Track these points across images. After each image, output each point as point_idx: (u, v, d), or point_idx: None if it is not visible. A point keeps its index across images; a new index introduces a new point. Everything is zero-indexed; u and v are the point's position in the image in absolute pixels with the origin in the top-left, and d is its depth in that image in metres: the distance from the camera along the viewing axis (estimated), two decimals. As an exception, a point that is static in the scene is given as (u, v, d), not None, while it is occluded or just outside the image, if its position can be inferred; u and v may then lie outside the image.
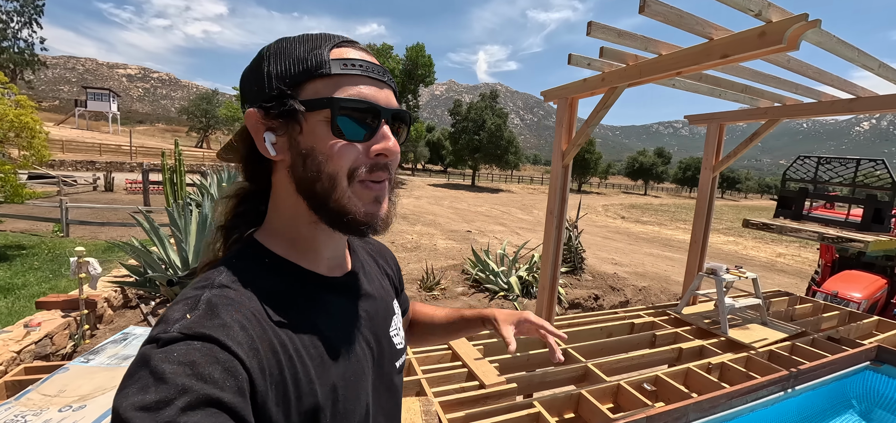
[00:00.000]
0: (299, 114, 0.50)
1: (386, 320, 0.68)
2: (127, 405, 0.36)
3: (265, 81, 0.51)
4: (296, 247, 0.57)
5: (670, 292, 6.99)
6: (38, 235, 7.29)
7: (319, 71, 0.50)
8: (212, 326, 0.43)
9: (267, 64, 0.52)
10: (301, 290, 0.55)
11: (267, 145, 0.52)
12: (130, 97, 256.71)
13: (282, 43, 0.53)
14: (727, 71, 2.59)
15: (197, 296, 0.47)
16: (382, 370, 0.65)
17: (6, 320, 3.48)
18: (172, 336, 0.41)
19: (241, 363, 0.42)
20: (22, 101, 5.54)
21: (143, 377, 0.38)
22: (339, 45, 0.53)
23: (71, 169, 21.82)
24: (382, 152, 0.53)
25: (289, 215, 0.56)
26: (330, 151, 0.51)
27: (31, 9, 34.17)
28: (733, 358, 2.98)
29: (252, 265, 0.53)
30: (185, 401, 0.37)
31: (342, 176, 0.52)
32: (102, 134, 42.26)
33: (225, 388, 0.40)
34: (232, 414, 0.39)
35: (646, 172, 59.74)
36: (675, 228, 19.46)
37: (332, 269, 0.61)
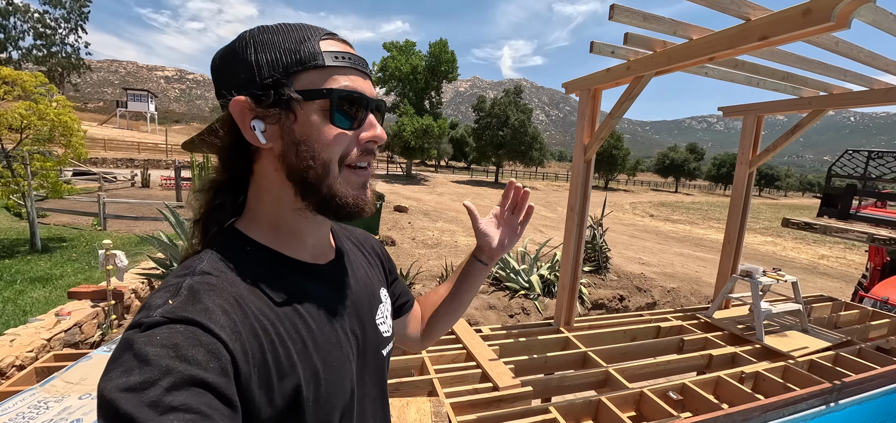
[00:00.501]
0: (295, 103, 0.51)
1: (371, 308, 0.69)
2: (111, 387, 0.37)
3: (255, 69, 0.51)
4: (278, 234, 0.58)
5: (701, 295, 6.66)
6: (79, 228, 7.70)
7: (313, 62, 0.52)
8: (194, 310, 0.44)
9: (253, 52, 0.52)
10: (282, 276, 0.56)
11: (257, 133, 0.52)
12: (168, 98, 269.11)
13: (266, 32, 0.53)
14: (766, 56, 2.39)
15: (179, 283, 0.47)
16: (367, 358, 0.65)
17: (42, 309, 3.66)
18: (155, 320, 0.42)
19: (223, 345, 0.43)
20: (61, 101, 5.84)
21: (127, 360, 0.39)
22: (325, 37, 0.54)
23: (112, 166, 23.07)
24: (372, 139, 0.57)
25: (272, 201, 0.57)
26: (325, 139, 0.53)
27: (77, 16, 36.22)
28: (769, 368, 2.76)
29: (233, 253, 0.54)
30: (169, 381, 0.38)
31: (335, 162, 0.54)
32: (141, 133, 44.43)
33: (209, 369, 0.41)
34: (216, 394, 0.40)
35: (677, 169, 57.59)
36: (707, 227, 18.63)
37: (315, 256, 0.62)
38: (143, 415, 0.35)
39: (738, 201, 3.83)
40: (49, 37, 35.20)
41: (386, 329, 0.72)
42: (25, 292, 4.08)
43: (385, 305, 0.75)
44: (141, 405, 0.36)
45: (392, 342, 0.75)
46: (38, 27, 34.66)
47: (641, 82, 2.57)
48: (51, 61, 34.69)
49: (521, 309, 5.38)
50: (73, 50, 36.64)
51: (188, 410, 0.37)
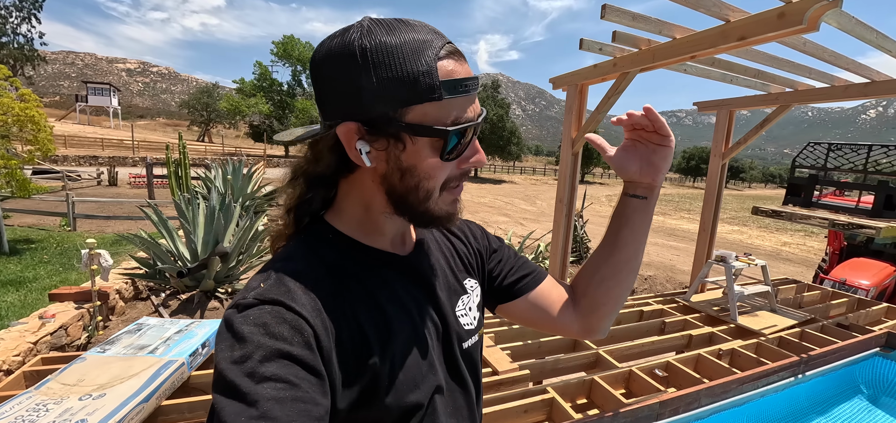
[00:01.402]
0: (400, 134, 0.51)
1: (450, 300, 0.67)
2: (222, 359, 0.44)
3: (364, 95, 0.49)
4: (362, 227, 0.61)
5: (676, 281, 6.99)
6: (46, 229, 7.34)
7: (430, 96, 0.49)
8: (279, 292, 0.49)
9: (367, 74, 0.48)
10: (362, 264, 0.59)
11: (362, 156, 0.52)
12: (130, 92, 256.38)
13: (382, 48, 0.48)
14: (740, 54, 2.56)
15: (269, 269, 0.53)
16: (447, 350, 0.65)
17: (19, 313, 3.52)
18: (249, 302, 0.47)
19: (306, 321, 0.47)
20: (26, 94, 5.54)
21: (228, 338, 0.45)
22: (444, 56, 0.50)
23: (74, 164, 21.88)
24: (475, 164, 0.58)
25: (364, 204, 0.59)
26: (432, 171, 0.54)
27: (31, 4, 33.99)
28: (743, 345, 2.98)
29: (318, 241, 0.59)
30: (261, 354, 0.43)
31: (437, 188, 0.55)
32: (104, 129, 42.26)
33: (294, 343, 0.45)
34: (302, 364, 0.44)
35: (649, 162, 59.31)
36: (679, 218, 19.41)
37: (394, 246, 0.64)
38: (244, 384, 0.41)
39: (712, 192, 4.06)
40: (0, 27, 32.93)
41: (468, 322, 0.69)
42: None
43: (470, 295, 0.71)
44: (242, 374, 0.42)
45: (476, 335, 0.71)
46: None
47: (627, 78, 2.71)
48: (1, 53, 32.46)
49: (508, 299, 5.51)
50: (26, 40, 34.41)
51: (278, 379, 0.42)
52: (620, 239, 0.70)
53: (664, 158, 0.66)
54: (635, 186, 0.69)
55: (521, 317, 0.77)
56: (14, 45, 33.42)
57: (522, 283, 0.76)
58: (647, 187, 0.69)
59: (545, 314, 0.75)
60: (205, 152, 32.19)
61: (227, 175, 7.63)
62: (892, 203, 3.61)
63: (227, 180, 7.45)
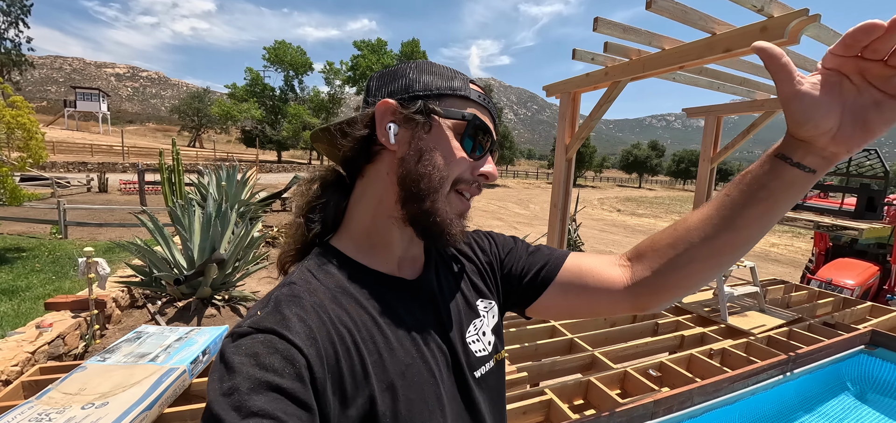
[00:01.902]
0: (434, 116, 0.57)
1: (461, 326, 0.64)
2: (211, 390, 0.43)
3: (411, 83, 0.59)
4: (368, 242, 0.61)
5: (668, 283, 7.10)
6: (37, 236, 7.24)
7: (460, 92, 0.59)
8: (274, 320, 0.48)
9: (415, 73, 0.60)
10: (364, 287, 0.57)
11: (390, 134, 0.57)
12: (120, 97, 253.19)
13: (427, 64, 0.61)
14: (726, 64, 2.66)
15: (270, 296, 0.52)
16: (459, 379, 0.61)
17: (14, 322, 3.49)
18: (243, 330, 0.47)
19: (298, 350, 0.46)
20: (18, 101, 5.49)
21: (220, 369, 0.45)
22: (472, 81, 0.62)
23: (63, 170, 21.56)
24: (486, 174, 0.62)
25: (373, 203, 0.60)
26: (452, 156, 0.58)
27: (18, 9, 33.55)
28: (734, 344, 3.06)
29: (320, 265, 0.58)
30: (248, 386, 0.42)
31: (449, 180, 0.58)
32: (93, 134, 41.71)
33: (284, 375, 0.44)
34: (292, 399, 0.43)
35: (640, 166, 60.12)
36: (670, 220, 19.67)
37: (402, 269, 0.63)
38: (229, 417, 0.40)
39: (701, 195, 4.16)
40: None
41: (480, 348, 0.65)
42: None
43: (484, 318, 0.68)
44: (229, 408, 0.41)
45: (491, 361, 0.67)
46: (-29, 21, 31.86)
47: (619, 86, 2.79)
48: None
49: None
50: (13, 45, 33.91)
51: (265, 414, 0.40)
52: (744, 217, 0.52)
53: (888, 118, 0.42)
54: (810, 149, 0.47)
55: (558, 309, 0.70)
56: (1, 51, 32.93)
57: (545, 271, 0.69)
58: (827, 157, 0.47)
59: (582, 294, 0.67)
60: (196, 158, 31.90)
61: (221, 181, 7.59)
62: (873, 205, 3.74)
63: (222, 186, 7.42)
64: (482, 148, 0.61)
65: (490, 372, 0.66)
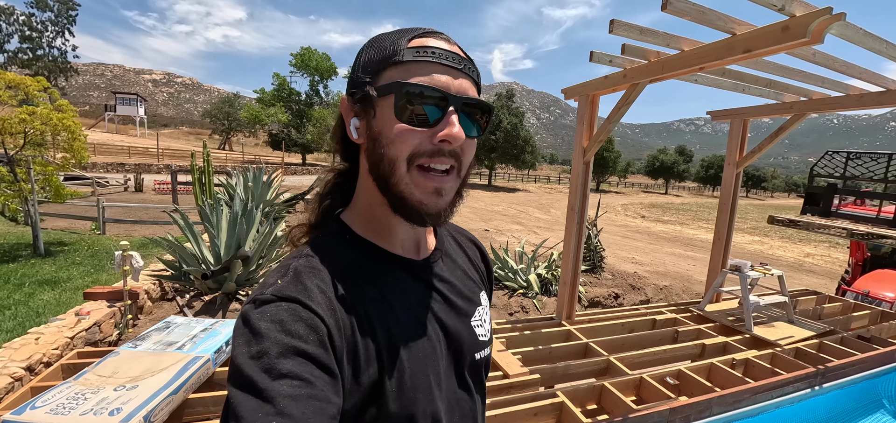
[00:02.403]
0: (372, 99, 0.54)
1: (466, 310, 0.67)
2: (238, 353, 0.45)
3: (356, 69, 0.57)
4: (372, 226, 0.61)
5: (692, 292, 6.89)
6: (78, 232, 7.69)
7: (394, 58, 0.53)
8: (296, 289, 0.50)
9: (361, 55, 0.57)
10: (375, 266, 0.59)
11: (351, 129, 0.58)
12: (156, 101, 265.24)
13: (377, 36, 0.57)
14: (751, 65, 2.59)
15: (288, 265, 0.55)
16: (456, 358, 0.64)
17: (55, 310, 3.72)
18: (266, 298, 0.49)
19: (321, 319, 0.48)
20: (63, 105, 5.87)
21: (245, 333, 0.46)
22: (420, 35, 0.55)
23: (102, 171, 22.76)
24: (445, 138, 0.53)
25: (367, 195, 0.60)
26: (393, 135, 0.53)
27: (65, 18, 35.76)
28: (758, 355, 2.96)
29: (334, 241, 0.60)
30: (277, 350, 0.44)
31: (401, 160, 0.53)
32: (131, 137, 43.89)
33: (309, 341, 0.46)
34: (316, 363, 0.45)
35: (667, 171, 58.49)
36: (697, 227, 19.04)
37: (408, 251, 0.63)
38: (261, 379, 0.42)
39: (726, 200, 4.04)
40: (35, 40, 34.68)
41: (482, 333, 0.69)
42: (35, 295, 4.13)
43: (483, 308, 0.71)
44: (259, 370, 0.42)
45: (489, 348, 0.71)
46: (24, 30, 34.12)
47: (637, 89, 2.75)
48: (37, 65, 34.18)
49: (520, 307, 5.54)
50: (59, 53, 36.15)
51: (294, 376, 0.42)
52: None
53: None
54: None
55: None
56: (49, 58, 35.14)
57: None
58: None
59: None
60: (225, 160, 33.09)
61: (248, 182, 7.87)
62: (914, 213, 3.54)
63: (248, 187, 7.69)
64: (435, 113, 0.53)
65: (486, 356, 0.70)
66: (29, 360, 2.45)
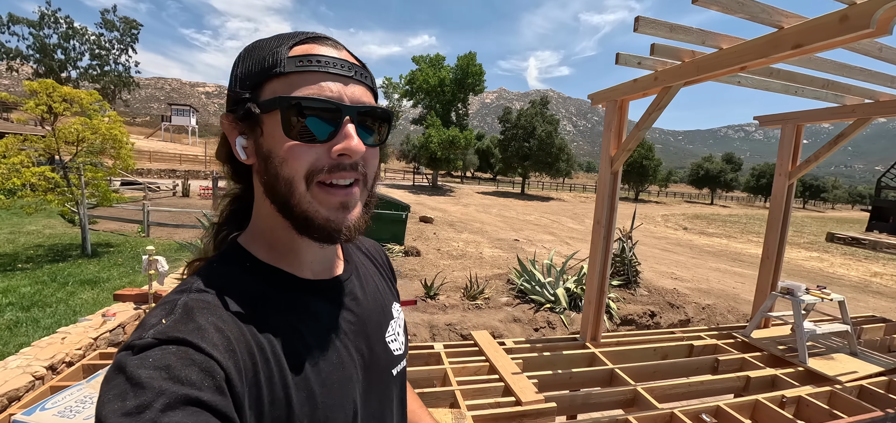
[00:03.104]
0: (256, 115, 0.49)
1: (380, 326, 0.65)
2: (107, 412, 0.37)
3: (234, 83, 0.51)
4: (276, 249, 0.55)
5: (739, 313, 6.34)
6: (125, 234, 8.20)
7: (274, 70, 0.49)
8: (186, 330, 0.43)
9: (237, 66, 0.52)
10: (280, 293, 0.54)
11: (238, 149, 0.52)
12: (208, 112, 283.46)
13: (252, 44, 0.52)
14: (803, 64, 2.29)
15: (174, 300, 0.47)
16: (373, 377, 0.61)
17: (90, 309, 3.92)
18: (147, 342, 0.41)
19: (217, 363, 0.42)
20: (112, 115, 6.28)
21: (120, 384, 0.38)
22: (302, 41, 0.50)
23: (156, 176, 24.47)
24: (343, 152, 0.49)
25: (266, 218, 0.54)
26: (285, 154, 0.49)
27: (128, 37, 38.97)
28: (813, 392, 2.60)
29: (232, 269, 0.53)
30: (163, 402, 0.37)
31: (298, 179, 0.49)
32: (183, 145, 46.97)
33: (203, 388, 0.40)
34: (213, 411, 0.39)
35: (712, 180, 55.28)
36: (746, 241, 17.72)
37: (316, 272, 0.58)
38: None
39: (777, 214, 3.64)
40: (103, 57, 38.02)
41: (396, 347, 0.67)
42: (76, 294, 4.38)
43: (397, 320, 0.70)
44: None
45: (405, 361, 0.70)
46: (94, 48, 37.49)
47: (670, 93, 2.52)
48: (105, 80, 37.39)
49: (547, 323, 5.29)
50: (124, 69, 39.35)
51: None
52: None
53: None
54: None
55: None
56: (115, 73, 38.36)
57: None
58: None
59: None
60: (266, 167, 34.52)
61: (279, 189, 8.11)
62: None
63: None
64: (328, 126, 0.49)
65: (403, 370, 0.69)
66: (52, 359, 2.54)
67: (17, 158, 5.49)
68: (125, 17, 39.03)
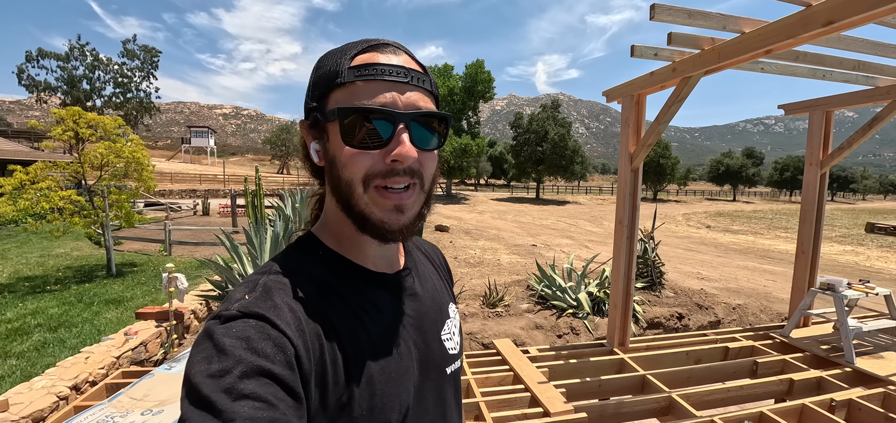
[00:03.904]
0: (322, 124, 0.54)
1: (436, 323, 0.67)
2: (196, 372, 0.42)
3: (308, 93, 0.57)
4: (343, 243, 0.60)
5: (773, 312, 6.05)
6: (148, 254, 8.39)
7: (336, 81, 0.53)
8: (264, 306, 0.47)
9: (311, 77, 0.57)
10: (347, 281, 0.58)
11: (312, 153, 0.58)
12: (225, 133, 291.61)
13: (324, 55, 0.57)
14: (832, 44, 2.16)
15: (256, 280, 0.52)
16: (429, 373, 0.63)
17: (115, 328, 3.97)
18: (232, 313, 0.46)
19: (289, 340, 0.46)
20: (134, 139, 6.46)
21: (207, 349, 0.43)
22: (363, 50, 0.54)
23: (177, 197, 25.17)
24: (396, 158, 0.53)
25: (333, 213, 0.59)
26: (345, 159, 0.53)
27: (149, 65, 40.53)
28: (865, 394, 2.42)
29: (306, 256, 0.59)
30: (241, 370, 0.41)
31: (357, 183, 0.53)
32: (202, 166, 48.33)
33: (276, 361, 0.44)
34: (281, 385, 0.43)
35: (733, 176, 53.80)
36: (773, 237, 17.08)
37: (379, 266, 0.62)
38: (219, 400, 0.39)
39: (810, 206, 3.46)
40: (126, 85, 39.60)
41: (452, 346, 0.69)
42: (101, 313, 4.46)
43: (453, 320, 0.72)
44: (218, 390, 0.40)
45: (460, 360, 0.72)
46: (116, 77, 39.10)
47: (690, 84, 2.41)
48: (127, 106, 38.90)
49: (570, 329, 5.14)
50: (145, 95, 40.89)
51: (257, 398, 0.40)
52: None
53: None
54: None
55: None
56: (136, 100, 39.89)
57: None
58: None
59: None
60: (283, 183, 35.24)
61: (295, 203, 8.18)
62: None
63: (296, 208, 7.98)
64: (384, 132, 0.52)
65: (458, 370, 0.71)
66: (76, 379, 2.56)
67: (44, 183, 5.68)
68: (145, 46, 40.65)
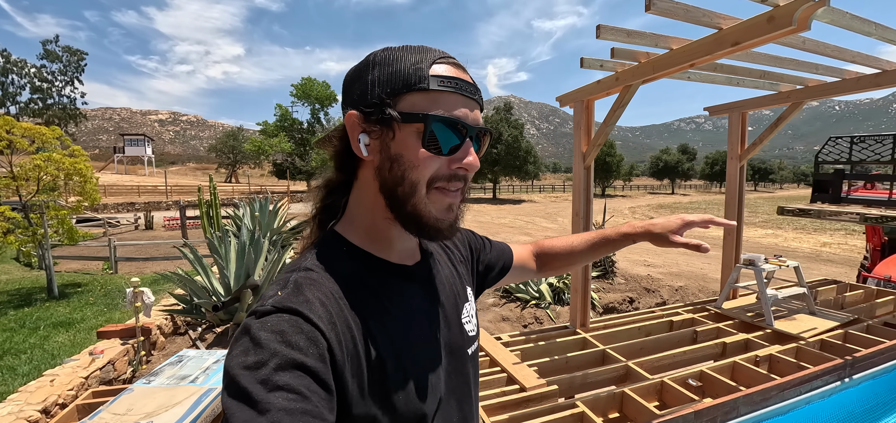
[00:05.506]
0: (395, 122, 0.55)
1: (455, 308, 0.71)
2: (234, 365, 0.44)
3: (368, 87, 0.56)
4: (370, 237, 0.63)
5: (709, 291, 6.77)
6: (90, 273, 7.78)
7: (418, 85, 0.55)
8: (298, 301, 0.50)
9: (372, 71, 0.57)
10: (373, 275, 0.61)
11: (361, 146, 0.57)
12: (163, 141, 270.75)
13: (388, 52, 0.58)
14: (743, 58, 2.59)
15: (287, 277, 0.55)
16: (454, 357, 0.67)
17: (69, 351, 3.74)
18: (267, 309, 0.49)
19: (321, 333, 0.48)
20: (76, 150, 6.02)
21: (245, 343, 0.46)
22: (438, 61, 0.57)
23: (113, 211, 23.12)
24: (463, 167, 0.58)
25: (368, 206, 0.62)
26: (417, 160, 0.56)
27: (73, 68, 36.98)
28: (782, 350, 2.88)
29: (333, 252, 0.61)
30: (276, 362, 0.44)
31: (422, 183, 0.57)
32: (140, 177, 44.73)
33: (309, 354, 0.46)
34: (314, 377, 0.45)
35: (671, 171, 58.16)
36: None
37: (402, 258, 0.66)
38: (255, 391, 0.42)
39: (733, 194, 3.99)
40: (46, 90, 35.85)
41: (471, 329, 0.73)
42: (50, 337, 4.17)
43: (471, 304, 0.76)
44: (254, 381, 0.42)
45: (477, 342, 0.76)
46: (35, 81, 35.29)
47: (630, 91, 2.76)
48: (47, 113, 35.24)
49: (534, 319, 5.47)
50: (69, 101, 37.26)
51: (290, 390, 0.42)
52: (601, 252, 0.99)
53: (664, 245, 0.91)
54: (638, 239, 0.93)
55: (500, 285, 0.99)
56: (59, 106, 36.24)
57: (504, 263, 0.94)
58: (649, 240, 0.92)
59: (520, 275, 1.00)
60: (232, 192, 33.49)
61: (254, 212, 7.95)
62: (928, 193, 3.47)
63: (255, 217, 7.76)
64: (454, 141, 0.57)
65: (477, 349, 0.76)
66: (44, 402, 2.46)
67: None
68: (68, 47, 37.03)
